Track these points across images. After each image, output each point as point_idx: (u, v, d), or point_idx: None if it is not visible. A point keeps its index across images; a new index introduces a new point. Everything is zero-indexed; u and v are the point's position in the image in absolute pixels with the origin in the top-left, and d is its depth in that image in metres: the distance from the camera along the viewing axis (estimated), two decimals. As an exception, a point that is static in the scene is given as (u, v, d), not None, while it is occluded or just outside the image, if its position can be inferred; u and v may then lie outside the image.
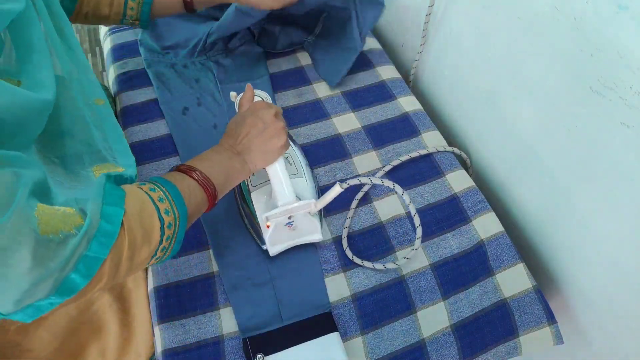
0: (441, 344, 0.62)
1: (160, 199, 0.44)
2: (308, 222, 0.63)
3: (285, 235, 0.64)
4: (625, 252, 0.57)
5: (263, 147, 0.57)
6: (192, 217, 0.50)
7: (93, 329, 0.61)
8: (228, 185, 0.55)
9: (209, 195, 0.51)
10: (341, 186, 0.57)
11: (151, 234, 0.42)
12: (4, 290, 0.34)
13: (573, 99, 0.57)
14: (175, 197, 0.46)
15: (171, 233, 0.45)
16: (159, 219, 0.43)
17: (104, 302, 0.60)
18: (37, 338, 0.56)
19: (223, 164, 0.54)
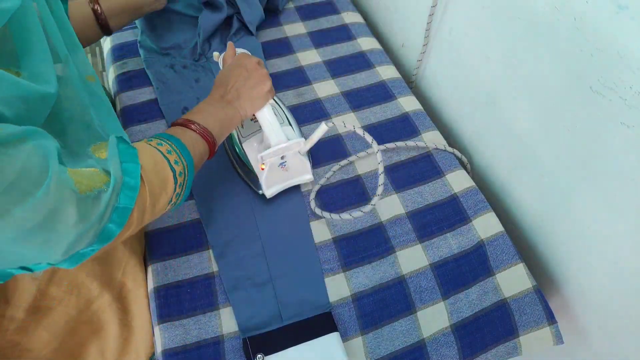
0: (441, 344, 0.62)
1: (168, 152, 0.50)
2: (299, 162, 0.69)
3: (279, 177, 0.70)
4: (625, 252, 0.57)
5: (250, 93, 0.62)
6: (198, 165, 0.55)
7: (93, 328, 0.61)
8: (224, 132, 0.60)
9: (209, 144, 0.56)
10: (326, 124, 0.63)
11: (167, 183, 0.48)
12: (56, 243, 0.38)
13: (573, 99, 0.57)
14: (181, 148, 0.51)
15: (182, 180, 0.51)
16: (171, 169, 0.49)
17: (104, 301, 0.60)
18: (37, 338, 0.56)
19: (216, 113, 0.59)
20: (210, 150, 0.57)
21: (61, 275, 0.56)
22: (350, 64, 0.92)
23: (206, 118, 0.57)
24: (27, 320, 0.54)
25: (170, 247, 0.67)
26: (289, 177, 0.71)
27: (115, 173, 0.42)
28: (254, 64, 0.64)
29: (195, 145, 0.54)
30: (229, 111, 0.60)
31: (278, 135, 0.65)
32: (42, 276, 0.55)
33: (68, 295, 0.57)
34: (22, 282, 0.54)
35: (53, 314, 0.56)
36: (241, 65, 0.64)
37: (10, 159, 0.33)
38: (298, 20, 1.00)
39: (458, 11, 0.76)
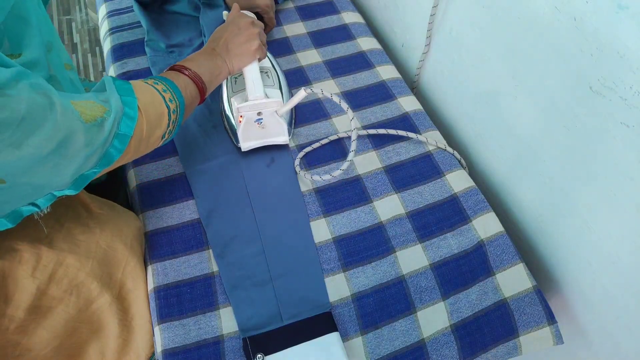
0: (441, 344, 0.62)
1: (164, 90, 0.55)
2: (276, 123, 0.72)
3: (255, 133, 0.73)
4: (625, 252, 0.57)
5: (238, 49, 0.67)
6: (189, 108, 0.60)
7: (92, 328, 0.61)
8: (214, 81, 0.65)
9: (200, 89, 0.62)
10: (305, 90, 0.66)
11: (162, 118, 0.54)
12: (65, 167, 0.44)
13: (573, 99, 0.57)
14: (174, 89, 0.57)
15: (175, 118, 0.56)
16: (166, 105, 0.54)
17: (104, 301, 0.60)
18: (37, 337, 0.56)
19: (208, 63, 0.64)
20: (201, 95, 0.62)
21: (61, 275, 0.56)
22: (350, 64, 0.92)
23: (198, 66, 0.62)
24: (27, 319, 0.54)
25: (170, 247, 0.67)
26: (265, 136, 0.74)
27: (115, 104, 0.48)
28: (246, 22, 0.69)
29: (187, 88, 0.59)
30: (218, 62, 0.65)
31: (257, 91, 0.69)
32: (41, 275, 0.55)
33: (68, 295, 0.57)
34: (22, 281, 0.54)
35: (53, 313, 0.56)
36: (234, 23, 0.69)
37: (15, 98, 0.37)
38: (298, 20, 1.00)
39: (458, 11, 0.76)
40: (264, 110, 0.70)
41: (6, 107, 0.36)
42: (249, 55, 0.69)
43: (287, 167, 0.76)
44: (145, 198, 0.72)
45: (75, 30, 1.86)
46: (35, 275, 0.54)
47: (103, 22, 1.01)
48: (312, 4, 1.04)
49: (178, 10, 0.96)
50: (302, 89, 0.66)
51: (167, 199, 0.72)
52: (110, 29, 0.97)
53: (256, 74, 0.70)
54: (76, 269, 0.57)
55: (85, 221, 0.61)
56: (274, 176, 0.75)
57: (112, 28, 0.97)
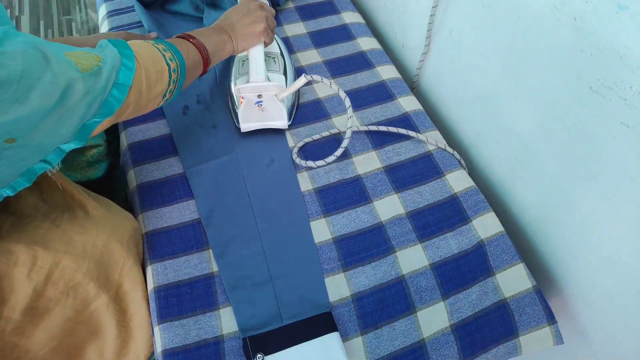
0: (441, 344, 0.62)
1: (164, 49, 0.56)
2: (276, 107, 0.74)
3: (255, 115, 0.75)
4: (626, 252, 0.57)
5: (244, 29, 0.70)
6: (190, 72, 0.61)
7: (90, 330, 0.60)
8: (217, 54, 0.67)
9: (203, 58, 0.63)
10: (305, 77, 0.68)
11: (162, 73, 0.54)
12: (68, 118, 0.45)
13: (573, 99, 0.57)
14: (175, 50, 0.58)
15: (176, 77, 0.57)
16: (166, 63, 0.55)
17: (101, 302, 0.60)
18: (35, 339, 0.55)
19: (213, 37, 0.66)
20: (204, 64, 0.64)
21: (57, 276, 0.56)
22: (350, 64, 0.92)
23: (203, 37, 0.64)
24: (23, 321, 0.54)
25: (170, 247, 0.67)
26: (264, 119, 0.76)
27: (112, 54, 0.48)
28: (256, 5, 0.72)
29: (190, 54, 0.61)
30: (223, 37, 0.68)
31: (258, 74, 0.70)
32: (37, 277, 0.55)
33: (65, 297, 0.57)
34: (18, 282, 0.53)
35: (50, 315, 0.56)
36: (244, 4, 0.72)
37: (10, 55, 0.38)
38: (298, 20, 1.00)
39: (458, 11, 0.76)
40: (264, 93, 0.71)
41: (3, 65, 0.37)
42: (254, 36, 0.71)
43: (287, 168, 0.76)
44: (145, 198, 0.72)
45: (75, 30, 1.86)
46: (31, 276, 0.54)
47: (103, 22, 1.01)
48: (312, 4, 1.04)
49: (179, 11, 0.96)
50: (303, 75, 0.68)
51: (167, 199, 0.72)
52: (110, 29, 0.97)
53: (260, 57, 0.71)
54: (73, 269, 0.57)
55: (81, 222, 0.61)
56: (274, 176, 0.75)
57: (112, 28, 0.97)
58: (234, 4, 0.91)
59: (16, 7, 1.95)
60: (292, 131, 0.81)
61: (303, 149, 0.79)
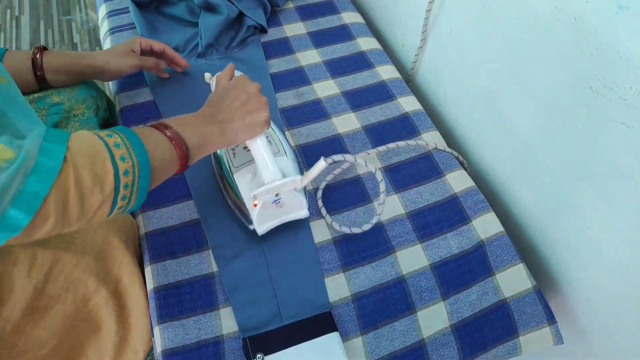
0: (441, 344, 0.62)
1: (116, 144, 0.43)
2: (294, 199, 0.64)
3: (272, 213, 0.65)
4: (625, 252, 0.57)
5: (246, 118, 0.57)
6: (158, 173, 0.48)
7: (90, 327, 0.60)
8: (204, 149, 0.54)
9: (180, 154, 0.50)
10: (325, 161, 0.59)
11: (104, 178, 0.41)
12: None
13: (573, 99, 0.57)
14: (135, 144, 0.45)
15: (129, 181, 0.44)
16: (113, 164, 0.42)
17: (101, 297, 0.60)
18: (34, 338, 0.55)
19: (200, 127, 0.54)
20: (181, 162, 0.51)
21: (57, 272, 0.56)
22: (350, 64, 0.92)
23: (185, 127, 0.52)
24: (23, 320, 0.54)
25: (170, 247, 0.67)
26: (283, 214, 0.66)
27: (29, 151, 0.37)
28: (255, 89, 0.59)
29: (159, 148, 0.48)
30: (214, 129, 0.55)
31: (273, 172, 0.59)
32: (38, 275, 0.55)
33: (65, 292, 0.57)
34: (18, 282, 0.53)
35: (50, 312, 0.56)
36: (240, 88, 0.59)
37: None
38: (298, 20, 1.00)
39: (458, 11, 0.76)
40: (282, 190, 0.61)
41: None
42: (258, 126, 0.58)
43: None
44: (145, 198, 0.72)
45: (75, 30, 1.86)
46: (31, 275, 0.54)
47: (103, 22, 1.01)
48: (312, 4, 1.04)
49: (174, 14, 0.96)
50: (322, 160, 0.59)
51: (167, 199, 0.72)
52: (110, 29, 0.97)
53: (266, 150, 0.60)
54: (72, 265, 0.57)
55: None
56: None
57: (112, 28, 0.97)
58: (230, 8, 0.91)
59: (16, 7, 1.95)
60: (292, 131, 0.81)
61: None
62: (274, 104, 0.85)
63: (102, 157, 0.42)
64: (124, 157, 0.43)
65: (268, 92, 0.87)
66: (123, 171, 0.43)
